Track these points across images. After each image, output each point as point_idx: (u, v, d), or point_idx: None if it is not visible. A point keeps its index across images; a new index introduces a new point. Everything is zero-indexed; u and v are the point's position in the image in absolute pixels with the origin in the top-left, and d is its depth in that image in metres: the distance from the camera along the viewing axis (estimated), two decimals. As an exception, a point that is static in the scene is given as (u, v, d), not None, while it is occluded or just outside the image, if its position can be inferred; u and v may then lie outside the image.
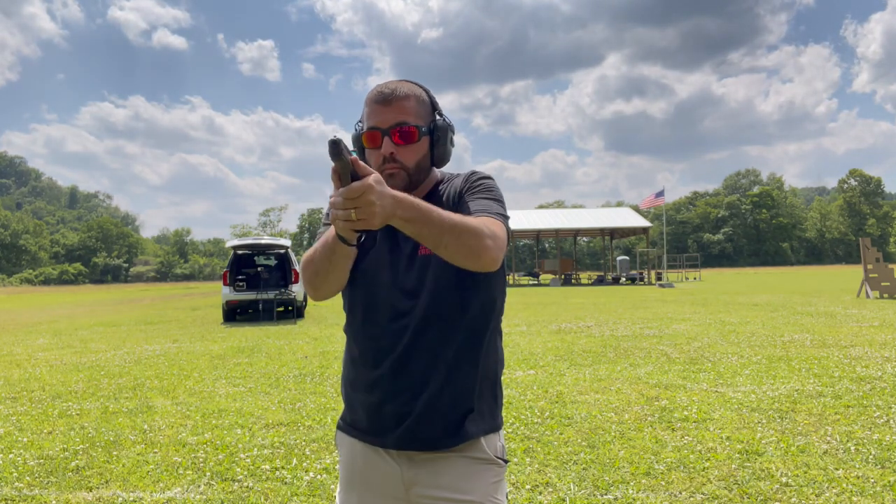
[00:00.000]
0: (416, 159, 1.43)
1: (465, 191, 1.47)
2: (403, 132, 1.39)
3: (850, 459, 3.69)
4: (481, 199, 1.43)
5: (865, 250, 17.71)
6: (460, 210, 1.40)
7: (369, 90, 1.46)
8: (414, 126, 1.40)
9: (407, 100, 1.41)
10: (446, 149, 1.47)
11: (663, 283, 32.03)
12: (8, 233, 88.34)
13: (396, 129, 1.39)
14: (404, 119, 1.40)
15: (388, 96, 1.40)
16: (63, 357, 9.15)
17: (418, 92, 1.46)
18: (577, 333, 10.28)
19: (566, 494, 3.31)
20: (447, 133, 1.46)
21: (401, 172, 1.41)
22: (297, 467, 3.84)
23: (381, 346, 1.44)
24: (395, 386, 1.42)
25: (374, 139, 1.41)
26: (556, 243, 51.75)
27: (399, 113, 1.40)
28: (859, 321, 10.98)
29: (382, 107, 1.40)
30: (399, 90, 1.42)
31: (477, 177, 1.49)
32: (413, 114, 1.42)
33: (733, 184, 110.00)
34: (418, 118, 1.43)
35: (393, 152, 1.40)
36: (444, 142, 1.45)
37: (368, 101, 1.44)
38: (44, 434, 4.79)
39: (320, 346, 9.64)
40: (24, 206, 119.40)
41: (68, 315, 19.29)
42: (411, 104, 1.42)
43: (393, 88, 1.42)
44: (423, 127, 1.42)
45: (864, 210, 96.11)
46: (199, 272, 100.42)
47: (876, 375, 6.05)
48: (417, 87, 1.47)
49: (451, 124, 1.48)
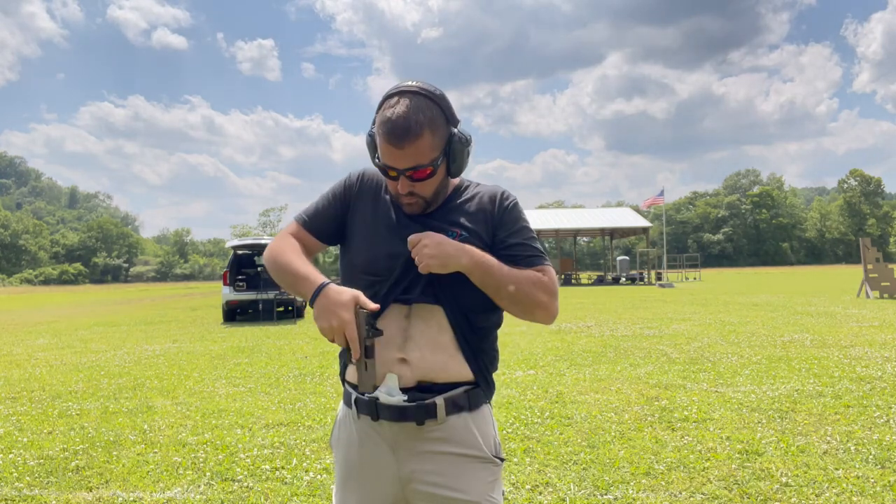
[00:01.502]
0: (434, 188, 1.46)
1: (502, 222, 1.50)
2: (418, 174, 1.40)
3: (850, 459, 3.69)
4: (528, 244, 1.49)
5: (865, 250, 17.71)
6: (504, 243, 1.48)
7: (380, 114, 1.40)
8: (429, 167, 1.39)
9: (421, 139, 1.35)
10: (462, 167, 1.47)
11: (663, 283, 32.02)
12: (8, 233, 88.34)
13: (411, 171, 1.39)
14: (419, 163, 1.37)
15: (402, 137, 1.34)
16: (63, 357, 9.15)
17: (433, 116, 1.38)
18: (577, 333, 10.28)
19: (566, 494, 3.31)
20: (463, 148, 1.44)
21: (419, 202, 1.46)
22: (297, 467, 3.84)
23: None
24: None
25: (391, 174, 1.42)
26: (556, 243, 51.73)
27: (413, 157, 1.36)
28: (859, 321, 10.98)
29: (396, 150, 1.36)
30: (413, 130, 1.34)
31: (510, 203, 1.53)
32: (428, 151, 1.37)
33: (733, 184, 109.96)
34: (433, 150, 1.39)
35: (410, 190, 1.43)
36: (460, 157, 1.44)
37: (382, 135, 1.38)
38: (44, 434, 4.79)
39: (320, 346, 9.63)
40: (24, 206, 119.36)
41: (68, 315, 19.29)
42: (425, 143, 1.36)
43: (406, 128, 1.34)
44: (438, 159, 1.40)
45: (864, 210, 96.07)
46: (199, 272, 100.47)
47: (876, 375, 6.05)
48: (431, 104, 1.38)
49: (468, 137, 1.45)
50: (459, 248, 1.39)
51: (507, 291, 1.41)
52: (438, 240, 1.38)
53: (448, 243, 1.38)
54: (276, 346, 9.86)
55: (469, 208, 1.51)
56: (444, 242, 1.38)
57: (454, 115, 1.44)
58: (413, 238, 1.39)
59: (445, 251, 1.37)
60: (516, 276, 1.42)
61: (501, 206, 1.52)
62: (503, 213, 1.51)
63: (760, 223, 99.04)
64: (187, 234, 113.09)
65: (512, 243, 1.48)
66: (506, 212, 1.51)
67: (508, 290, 1.41)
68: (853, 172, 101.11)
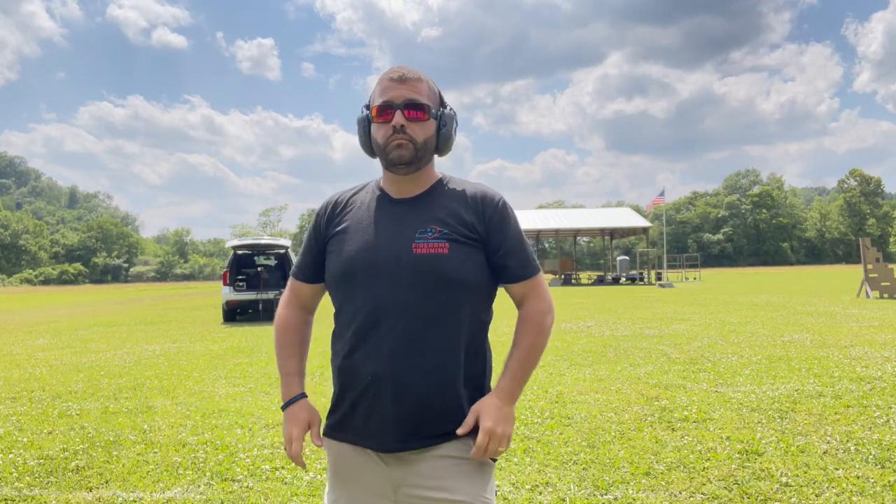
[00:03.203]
0: (424, 137, 1.48)
1: (493, 224, 1.50)
2: (415, 107, 1.47)
3: (850, 459, 3.69)
4: (521, 254, 1.53)
5: (865, 250, 17.71)
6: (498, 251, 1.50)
7: (382, 73, 1.54)
8: (426, 106, 1.48)
9: (420, 82, 1.50)
10: (450, 137, 1.54)
11: (663, 283, 32.03)
12: (8, 233, 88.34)
13: (409, 104, 1.46)
14: (416, 97, 1.48)
15: (403, 76, 1.49)
16: (63, 357, 9.15)
17: (429, 80, 1.55)
18: (577, 333, 10.28)
19: (566, 494, 3.31)
20: (452, 122, 1.54)
21: (409, 144, 1.46)
22: (296, 467, 3.84)
23: (370, 346, 1.44)
24: (383, 387, 1.42)
25: (386, 112, 1.47)
26: (556, 243, 51.76)
27: (412, 91, 1.48)
28: (859, 321, 10.98)
29: (397, 83, 1.48)
30: (413, 73, 1.51)
31: (500, 203, 1.53)
32: (425, 95, 1.50)
33: (733, 184, 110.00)
34: (429, 100, 1.51)
35: (403, 124, 1.46)
36: (448, 129, 1.53)
37: (382, 79, 1.51)
38: (44, 434, 4.79)
39: (320, 346, 9.57)
40: (24, 206, 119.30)
41: (68, 315, 19.29)
42: (423, 87, 1.51)
43: (407, 70, 1.51)
44: (432, 108, 1.51)
45: (864, 210, 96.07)
46: (199, 272, 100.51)
47: (876, 375, 6.05)
48: (426, 77, 1.56)
49: (455, 115, 1.56)
50: (510, 415, 1.48)
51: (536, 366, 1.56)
52: (502, 432, 1.46)
53: (508, 424, 1.47)
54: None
55: (453, 203, 1.51)
56: (506, 426, 1.47)
57: (444, 100, 1.58)
58: (482, 442, 1.43)
59: (509, 433, 1.47)
60: (533, 357, 1.52)
61: (492, 206, 1.52)
62: (493, 214, 1.51)
63: (760, 223, 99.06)
64: (187, 234, 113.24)
65: (505, 253, 1.51)
66: (496, 212, 1.51)
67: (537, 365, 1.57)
68: (853, 172, 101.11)
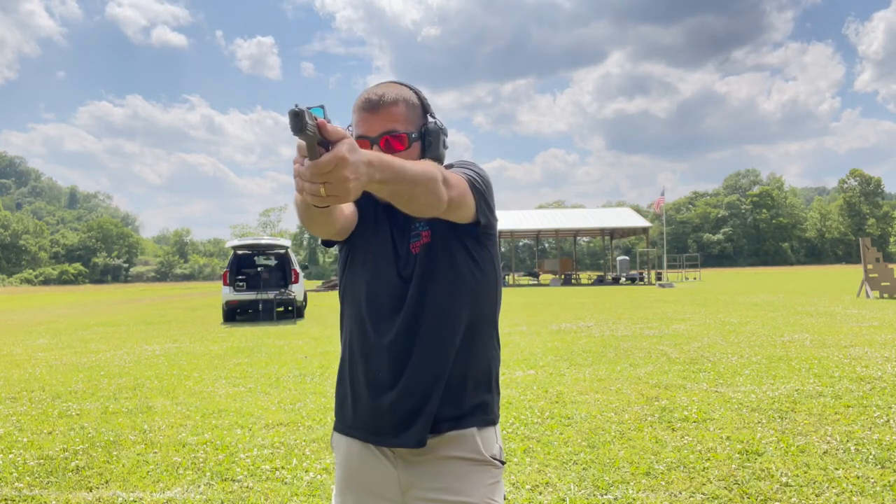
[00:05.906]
0: None
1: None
2: (392, 140, 1.35)
3: (850, 459, 3.69)
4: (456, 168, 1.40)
5: (865, 250, 17.71)
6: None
7: (359, 94, 1.40)
8: (403, 133, 1.36)
9: (395, 105, 1.36)
10: (439, 152, 1.42)
11: (663, 283, 32.03)
12: (8, 233, 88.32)
13: (385, 137, 1.35)
14: (393, 127, 1.35)
15: (376, 103, 1.35)
16: (63, 357, 9.15)
17: (408, 95, 1.40)
18: (577, 333, 10.28)
19: (566, 494, 3.31)
20: (439, 136, 1.41)
21: None
22: (297, 467, 3.84)
23: (379, 339, 1.43)
24: (391, 382, 1.42)
25: (363, 147, 1.34)
26: (556, 243, 51.78)
27: (387, 121, 1.35)
28: (859, 321, 10.98)
29: (370, 114, 1.35)
30: (387, 95, 1.36)
31: (460, 161, 1.48)
32: (402, 120, 1.37)
33: (733, 184, 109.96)
34: (408, 123, 1.38)
35: None
36: (436, 146, 1.41)
37: (356, 108, 1.38)
38: (44, 434, 4.79)
39: (320, 346, 9.64)
40: (24, 206, 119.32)
41: (68, 315, 19.29)
42: (400, 110, 1.37)
43: (381, 94, 1.36)
44: (413, 133, 1.38)
45: (864, 210, 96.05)
46: (199, 272, 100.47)
47: (876, 375, 6.05)
48: (407, 89, 1.42)
49: (443, 127, 1.44)
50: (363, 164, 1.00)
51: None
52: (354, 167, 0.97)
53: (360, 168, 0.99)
54: (276, 346, 9.86)
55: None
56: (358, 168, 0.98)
57: (430, 108, 1.45)
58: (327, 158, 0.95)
59: (352, 177, 0.97)
60: (411, 168, 1.13)
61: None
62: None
63: (760, 223, 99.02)
64: (187, 234, 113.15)
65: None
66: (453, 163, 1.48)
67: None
68: (853, 172, 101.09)
